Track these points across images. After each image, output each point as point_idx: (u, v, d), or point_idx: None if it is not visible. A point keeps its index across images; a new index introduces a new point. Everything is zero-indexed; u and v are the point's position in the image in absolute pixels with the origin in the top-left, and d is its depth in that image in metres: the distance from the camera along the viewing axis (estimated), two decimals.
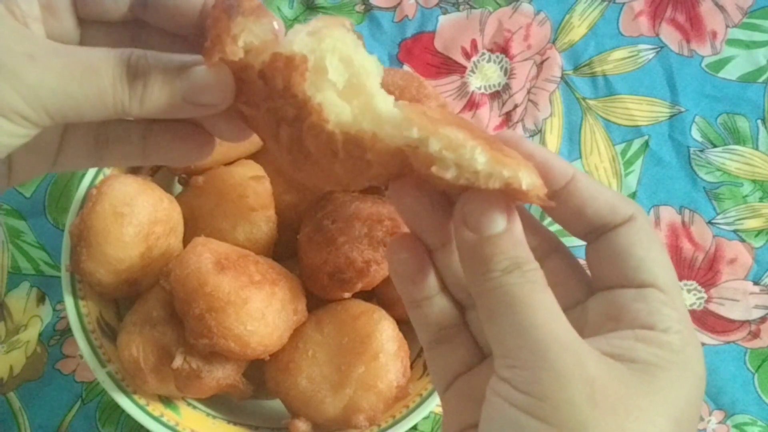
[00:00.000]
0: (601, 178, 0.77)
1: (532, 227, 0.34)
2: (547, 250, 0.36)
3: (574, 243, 0.78)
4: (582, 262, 0.36)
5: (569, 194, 0.33)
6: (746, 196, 0.76)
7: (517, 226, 0.30)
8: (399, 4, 0.86)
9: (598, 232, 0.34)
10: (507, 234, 0.30)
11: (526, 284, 0.29)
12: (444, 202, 0.33)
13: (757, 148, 0.78)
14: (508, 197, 0.30)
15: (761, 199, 0.76)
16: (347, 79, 0.31)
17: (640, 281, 0.32)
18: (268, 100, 0.31)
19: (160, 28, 0.37)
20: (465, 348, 0.35)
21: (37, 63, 0.30)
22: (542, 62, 0.82)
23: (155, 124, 0.37)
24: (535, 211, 0.61)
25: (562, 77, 0.82)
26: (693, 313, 0.71)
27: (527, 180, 0.29)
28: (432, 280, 0.35)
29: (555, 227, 0.36)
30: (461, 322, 0.36)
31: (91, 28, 0.37)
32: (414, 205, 0.33)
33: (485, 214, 0.30)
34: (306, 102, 0.30)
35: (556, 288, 0.30)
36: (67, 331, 0.69)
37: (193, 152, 0.37)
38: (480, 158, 0.29)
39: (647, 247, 0.33)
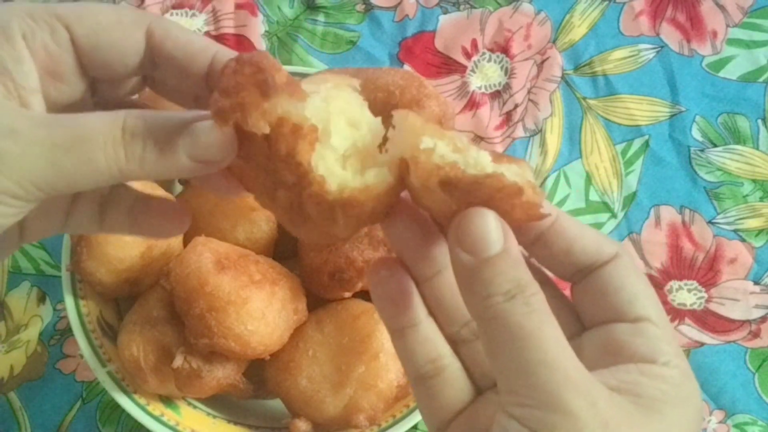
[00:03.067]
0: (601, 177, 0.77)
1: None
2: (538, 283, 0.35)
3: None
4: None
5: (555, 234, 0.33)
6: (746, 195, 0.76)
7: (514, 245, 0.30)
8: (399, 3, 0.86)
9: (584, 271, 0.33)
10: (505, 254, 0.29)
11: (533, 314, 0.28)
12: (435, 231, 0.33)
13: (757, 148, 0.78)
14: (507, 217, 0.30)
15: (761, 199, 0.76)
16: (352, 144, 0.31)
17: (636, 316, 0.32)
18: (269, 161, 0.31)
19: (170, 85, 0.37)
20: (458, 382, 0.34)
21: (19, 137, 0.29)
22: (543, 62, 0.82)
23: (137, 200, 0.37)
24: None
25: (562, 77, 0.82)
26: (693, 313, 0.71)
27: (532, 174, 0.29)
28: (417, 306, 0.34)
29: None
30: (451, 354, 0.34)
31: (104, 85, 0.37)
32: (405, 233, 0.33)
33: (481, 233, 0.29)
34: (308, 172, 0.30)
35: None
36: (68, 331, 0.69)
37: (169, 228, 0.38)
38: (485, 159, 0.29)
39: (637, 283, 0.33)
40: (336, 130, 0.30)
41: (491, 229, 0.29)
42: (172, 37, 0.34)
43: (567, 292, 0.35)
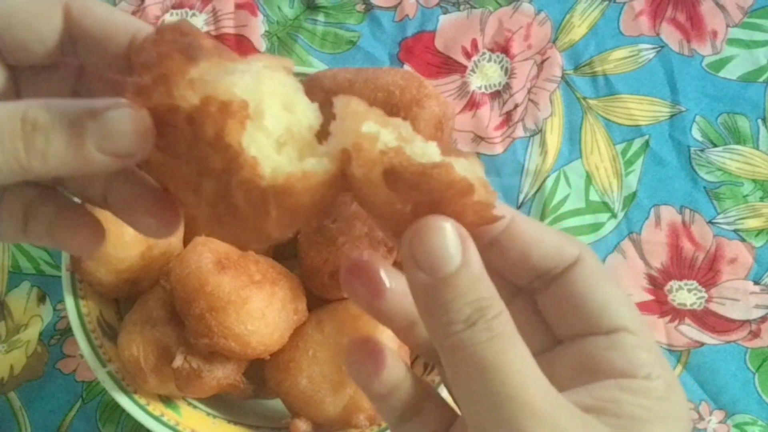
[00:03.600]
0: (601, 177, 0.77)
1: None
2: (509, 294, 0.33)
3: None
4: None
5: (510, 239, 0.30)
6: (747, 195, 0.76)
7: (474, 256, 0.27)
8: (399, 3, 0.86)
9: (545, 278, 0.31)
10: (464, 269, 0.27)
11: (495, 340, 0.26)
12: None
13: (757, 148, 0.78)
14: (457, 221, 0.27)
15: (762, 199, 0.76)
16: (286, 128, 0.28)
17: (608, 326, 0.30)
18: (192, 148, 0.28)
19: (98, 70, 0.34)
20: (437, 417, 0.32)
21: None
22: (543, 62, 0.82)
23: (60, 208, 0.33)
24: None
25: (562, 77, 0.82)
26: (693, 313, 0.71)
27: (481, 172, 0.27)
28: (396, 372, 0.32)
29: (557, 226, 0.36)
30: (429, 391, 0.33)
31: (29, 77, 0.34)
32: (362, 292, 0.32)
33: (438, 248, 0.26)
34: (238, 154, 0.27)
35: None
36: (68, 331, 0.69)
37: (84, 246, 0.34)
38: (432, 148, 0.27)
39: (604, 288, 0.31)
40: (269, 111, 0.28)
41: (449, 242, 0.27)
42: (90, 13, 0.32)
43: None
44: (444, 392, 0.34)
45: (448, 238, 0.27)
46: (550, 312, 0.32)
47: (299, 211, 0.28)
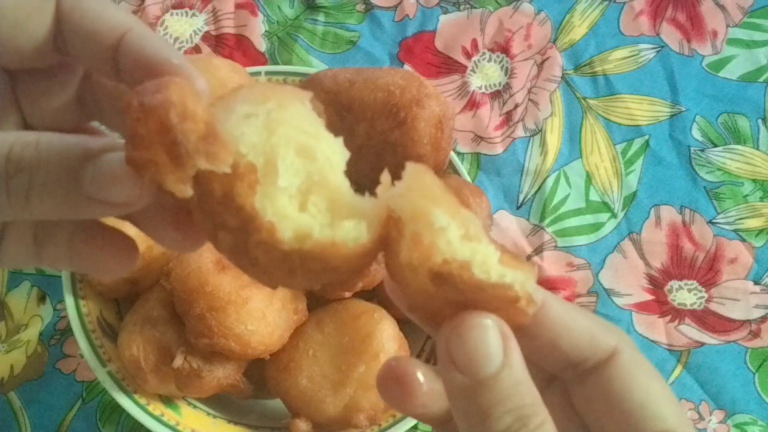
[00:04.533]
0: (601, 177, 0.77)
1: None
2: (544, 381, 0.30)
3: (574, 242, 0.77)
4: None
5: (539, 324, 0.28)
6: (747, 195, 0.76)
7: (517, 357, 0.25)
8: (400, 3, 0.86)
9: (578, 368, 0.29)
10: (506, 372, 0.25)
11: None
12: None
13: (757, 148, 0.78)
14: (500, 316, 0.25)
15: (762, 199, 0.76)
16: (306, 177, 0.25)
17: (650, 430, 0.27)
18: (204, 202, 0.25)
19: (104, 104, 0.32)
20: None
21: None
22: (543, 62, 0.82)
23: (77, 231, 0.31)
24: None
25: (562, 77, 0.82)
26: (693, 313, 0.71)
27: (534, 287, 0.25)
28: (429, 388, 0.29)
29: (557, 226, 0.35)
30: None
31: (28, 82, 0.32)
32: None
33: (476, 346, 0.25)
34: (254, 217, 0.24)
35: None
36: (68, 331, 0.69)
37: (116, 265, 0.31)
38: (493, 259, 0.25)
39: (645, 385, 0.28)
40: (284, 164, 0.25)
41: (490, 341, 0.25)
42: (80, 7, 0.30)
43: None
44: None
45: (490, 336, 0.25)
46: (586, 408, 0.29)
47: (327, 273, 0.26)
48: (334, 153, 0.26)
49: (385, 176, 0.26)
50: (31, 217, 0.27)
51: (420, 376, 0.29)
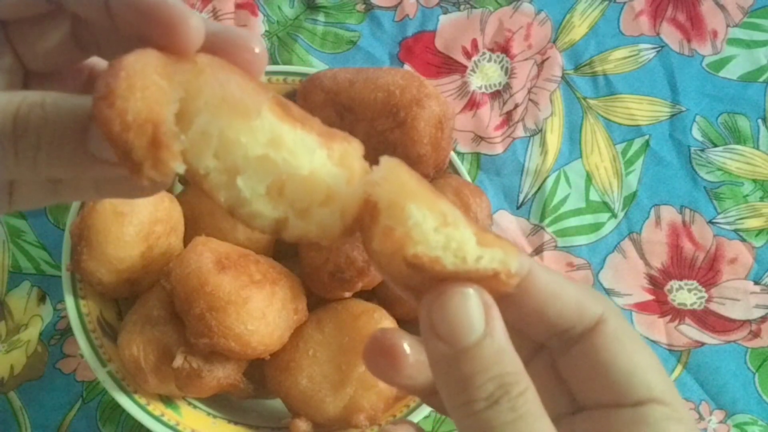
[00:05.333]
0: (601, 177, 0.77)
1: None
2: (527, 351, 0.30)
3: (574, 242, 0.77)
4: None
5: (525, 292, 0.27)
6: (747, 195, 0.76)
7: (499, 326, 0.25)
8: (400, 3, 0.86)
9: (564, 337, 0.29)
10: (488, 340, 0.25)
11: (519, 421, 0.24)
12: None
13: (757, 148, 0.78)
14: (480, 285, 0.26)
15: (762, 199, 0.76)
16: (274, 178, 0.27)
17: (636, 398, 0.27)
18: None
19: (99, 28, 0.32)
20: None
21: None
22: (543, 62, 0.82)
23: None
24: None
25: (562, 77, 0.82)
26: (693, 313, 0.71)
27: (516, 263, 0.26)
28: (416, 360, 0.30)
29: (557, 226, 0.35)
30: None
31: (22, 31, 0.32)
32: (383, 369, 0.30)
33: (458, 315, 0.25)
34: (231, 213, 0.27)
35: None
36: (68, 331, 0.69)
37: (145, 188, 0.30)
38: (469, 244, 0.25)
39: (630, 353, 0.28)
40: (245, 179, 0.26)
41: (472, 310, 0.25)
42: None
43: None
44: None
45: (471, 305, 0.25)
46: (572, 377, 0.29)
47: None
48: (296, 152, 0.27)
49: (362, 163, 0.27)
50: (39, 176, 0.27)
51: (406, 347, 0.29)
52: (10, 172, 0.26)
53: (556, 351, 0.30)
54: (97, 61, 0.35)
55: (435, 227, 0.25)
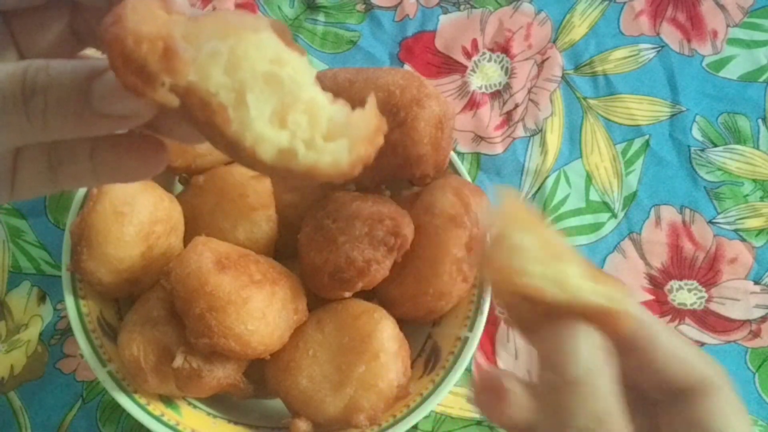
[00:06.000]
0: (601, 177, 0.77)
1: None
2: (637, 400, 0.31)
3: (574, 242, 0.77)
4: None
5: (639, 341, 0.29)
6: (747, 195, 0.76)
7: (605, 367, 0.26)
8: (400, 3, 0.86)
9: (670, 394, 0.30)
10: (593, 377, 0.26)
11: None
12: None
13: (757, 148, 0.78)
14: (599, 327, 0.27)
15: (762, 199, 0.76)
16: (278, 100, 0.27)
17: None
18: (193, 116, 0.27)
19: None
20: None
21: None
22: (543, 62, 0.82)
23: (99, 140, 0.32)
24: None
25: (562, 77, 0.82)
26: (693, 313, 0.71)
27: (625, 301, 0.27)
28: (519, 403, 0.31)
29: (558, 226, 0.36)
30: None
31: (22, 21, 0.33)
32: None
33: (571, 350, 0.26)
34: (236, 142, 0.26)
35: None
36: (68, 331, 0.69)
37: (144, 167, 0.32)
38: (574, 275, 0.27)
39: (735, 428, 0.29)
40: (253, 96, 0.27)
41: (582, 348, 0.26)
42: None
43: None
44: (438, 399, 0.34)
45: (582, 341, 0.26)
46: (673, 427, 0.30)
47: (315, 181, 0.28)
48: (299, 72, 0.28)
49: (371, 100, 0.28)
50: (49, 137, 0.28)
51: (512, 385, 0.31)
52: (23, 134, 0.28)
53: (661, 405, 0.31)
54: (92, 53, 0.36)
55: (540, 258, 0.27)
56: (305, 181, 0.27)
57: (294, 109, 0.27)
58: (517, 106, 0.80)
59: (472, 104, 0.80)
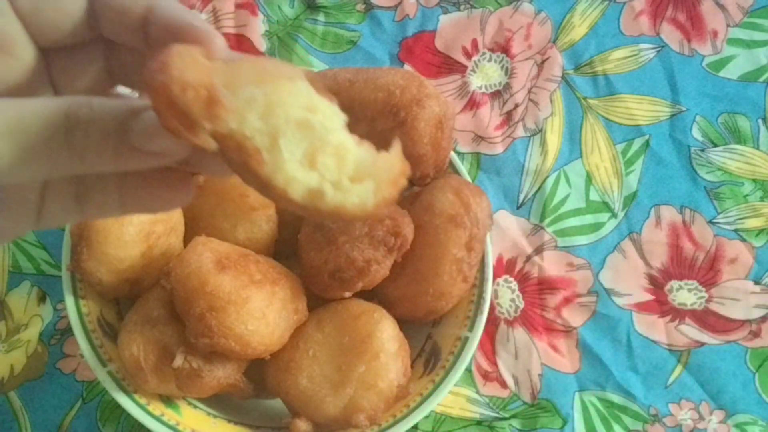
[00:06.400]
0: (601, 177, 0.77)
1: None
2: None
3: (574, 242, 0.77)
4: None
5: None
6: (747, 195, 0.76)
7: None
8: (400, 3, 0.86)
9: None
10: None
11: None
12: None
13: (757, 148, 0.78)
14: None
15: (762, 199, 0.76)
16: (309, 144, 0.29)
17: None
18: (228, 157, 0.29)
19: (125, 45, 0.34)
20: None
21: None
22: (543, 62, 0.82)
23: (129, 172, 0.32)
24: None
25: (562, 77, 0.82)
26: (694, 313, 0.71)
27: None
28: None
29: (558, 226, 0.36)
30: None
31: (58, 57, 0.34)
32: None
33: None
34: (268, 182, 0.28)
35: None
36: (68, 331, 0.69)
37: (172, 199, 0.33)
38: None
39: None
40: (286, 139, 0.28)
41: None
42: None
43: None
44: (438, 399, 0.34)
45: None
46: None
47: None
48: (329, 118, 0.29)
49: (396, 144, 0.30)
50: (85, 169, 0.29)
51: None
52: (62, 166, 0.29)
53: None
54: (122, 91, 0.37)
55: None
56: (333, 220, 0.29)
57: (323, 152, 0.29)
58: (517, 106, 0.80)
59: (472, 104, 0.80)
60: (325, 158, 0.29)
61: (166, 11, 0.31)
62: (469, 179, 0.68)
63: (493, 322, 0.70)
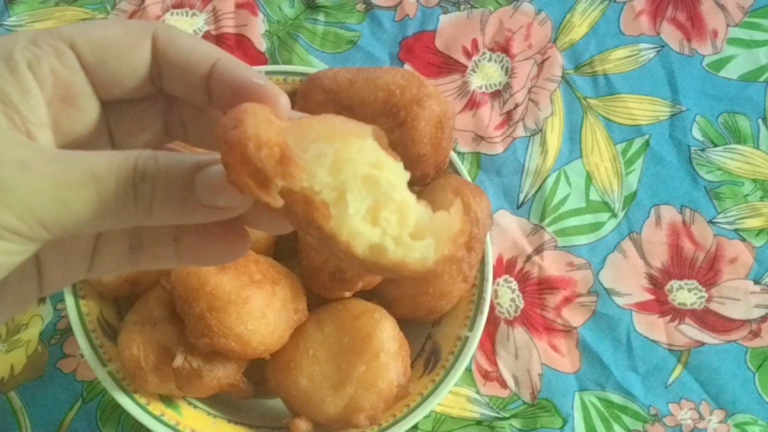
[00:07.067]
0: (602, 177, 0.77)
1: None
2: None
3: (574, 242, 0.77)
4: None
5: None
6: (747, 195, 0.76)
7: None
8: (400, 3, 0.86)
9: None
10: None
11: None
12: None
13: (757, 148, 0.78)
14: None
15: (762, 199, 0.76)
16: (373, 200, 0.30)
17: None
18: (291, 213, 0.29)
19: (185, 99, 0.35)
20: None
21: (29, 171, 0.27)
22: (543, 61, 0.82)
23: (185, 226, 0.33)
24: None
25: (562, 76, 0.82)
26: (694, 313, 0.71)
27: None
28: None
29: (558, 226, 0.35)
30: None
31: (119, 110, 0.35)
32: None
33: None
34: (331, 237, 0.29)
35: None
36: (68, 331, 0.69)
37: (227, 252, 0.34)
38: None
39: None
40: (353, 195, 0.29)
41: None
42: (175, 43, 0.33)
43: None
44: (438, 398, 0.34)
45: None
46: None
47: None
48: (394, 175, 0.30)
49: (457, 203, 0.31)
50: (151, 222, 0.30)
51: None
52: (128, 218, 0.29)
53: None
54: (176, 146, 0.38)
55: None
56: (392, 275, 0.30)
57: (386, 208, 0.30)
58: (517, 105, 0.80)
59: (472, 104, 0.80)
60: (387, 214, 0.29)
61: (230, 69, 0.32)
62: (469, 179, 0.68)
63: (493, 321, 0.70)
